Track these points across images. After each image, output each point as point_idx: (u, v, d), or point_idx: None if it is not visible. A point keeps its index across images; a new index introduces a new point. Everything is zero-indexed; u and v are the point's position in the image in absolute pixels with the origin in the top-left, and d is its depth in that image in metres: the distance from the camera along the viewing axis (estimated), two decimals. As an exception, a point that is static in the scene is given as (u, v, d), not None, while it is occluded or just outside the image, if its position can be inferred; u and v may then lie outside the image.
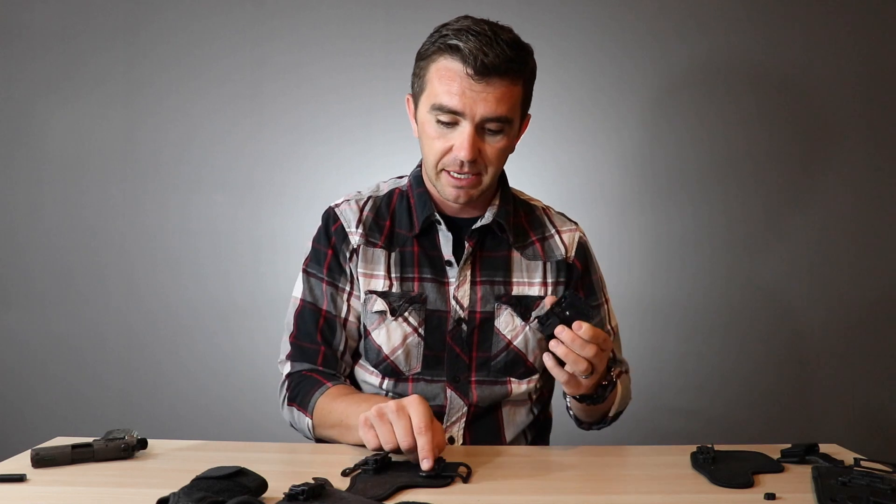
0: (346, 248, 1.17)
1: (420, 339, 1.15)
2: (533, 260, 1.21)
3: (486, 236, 1.19)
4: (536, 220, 1.26)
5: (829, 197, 1.92)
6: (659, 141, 1.93)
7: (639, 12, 1.92)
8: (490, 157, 1.10)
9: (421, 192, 1.19)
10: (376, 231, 1.18)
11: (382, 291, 1.16)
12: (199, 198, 1.97)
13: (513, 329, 1.17)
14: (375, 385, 1.17)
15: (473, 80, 1.04)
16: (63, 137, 1.99)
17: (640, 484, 0.89)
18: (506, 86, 1.06)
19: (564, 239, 1.24)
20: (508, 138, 1.11)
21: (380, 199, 1.22)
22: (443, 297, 1.16)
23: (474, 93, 1.04)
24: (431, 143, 1.10)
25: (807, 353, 1.93)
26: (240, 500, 0.72)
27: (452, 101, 1.05)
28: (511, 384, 1.18)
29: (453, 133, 1.08)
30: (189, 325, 1.96)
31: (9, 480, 0.85)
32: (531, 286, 1.19)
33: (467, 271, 1.17)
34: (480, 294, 1.17)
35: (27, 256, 1.99)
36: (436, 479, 0.86)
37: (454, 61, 1.05)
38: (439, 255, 1.17)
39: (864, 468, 0.89)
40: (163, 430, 1.45)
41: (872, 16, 1.90)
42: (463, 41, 1.04)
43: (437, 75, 1.07)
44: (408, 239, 1.18)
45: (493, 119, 1.06)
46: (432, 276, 1.16)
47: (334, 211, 1.21)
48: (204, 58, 1.96)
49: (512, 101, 1.08)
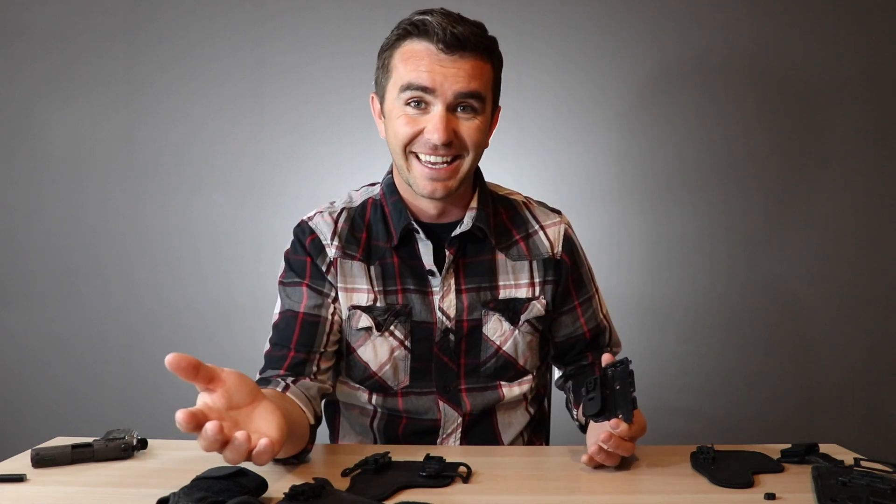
0: (323, 261, 1.11)
1: (407, 352, 1.11)
2: (518, 260, 1.15)
3: (467, 242, 1.13)
4: (518, 216, 1.19)
5: (829, 196, 1.92)
6: (659, 141, 1.93)
7: (638, 13, 1.92)
8: (466, 140, 1.02)
9: (395, 200, 1.12)
10: (353, 243, 1.12)
11: (367, 306, 1.10)
12: (199, 198, 1.97)
13: (501, 334, 1.14)
14: (364, 401, 1.14)
15: (443, 54, 0.98)
16: (63, 137, 1.99)
17: (640, 484, 0.89)
18: (477, 60, 1.01)
19: (549, 234, 1.18)
20: (483, 120, 1.04)
21: (353, 210, 1.15)
22: (427, 307, 1.11)
23: (444, 68, 0.99)
24: (399, 129, 1.02)
25: (806, 353, 1.93)
26: (240, 500, 0.72)
27: (422, 77, 0.99)
28: (502, 388, 1.16)
29: (424, 117, 1.01)
30: (189, 325, 1.96)
31: (9, 480, 0.85)
32: (518, 288, 1.15)
33: (451, 280, 1.12)
34: (467, 302, 1.12)
35: (27, 256, 2.00)
36: (436, 479, 0.86)
37: (420, 41, 1.00)
38: (420, 264, 1.11)
39: (864, 468, 0.89)
40: (163, 430, 1.45)
41: (872, 16, 1.90)
42: (428, 18, 0.99)
43: (402, 59, 1.01)
44: (386, 250, 1.11)
45: (467, 94, 1.00)
46: (415, 287, 1.11)
47: (308, 224, 1.14)
48: (204, 58, 1.96)
49: (484, 77, 1.02)
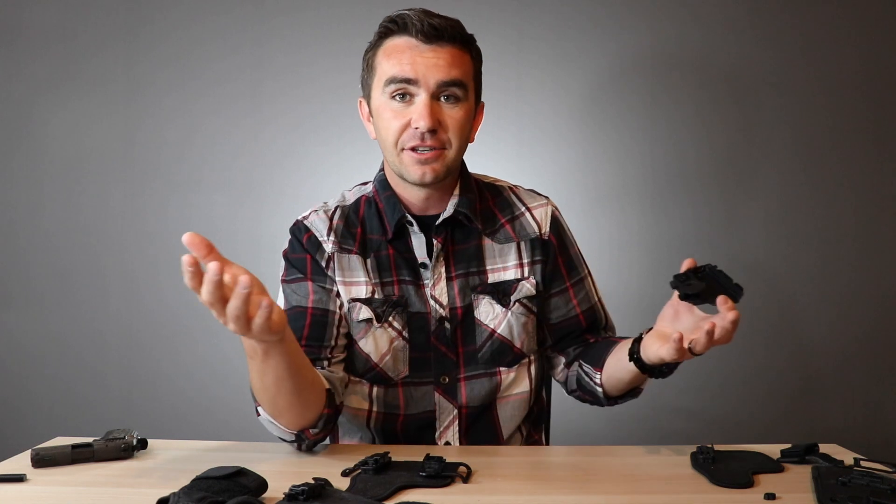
0: (321, 256, 1.14)
1: (405, 343, 1.13)
2: (505, 243, 1.17)
3: (454, 229, 1.16)
4: (504, 200, 1.22)
5: (829, 197, 1.92)
6: (659, 141, 1.93)
7: (639, 13, 1.92)
8: (450, 128, 1.07)
9: (388, 195, 1.15)
10: (349, 237, 1.15)
11: (366, 298, 1.13)
12: (199, 198, 1.97)
13: (494, 317, 1.15)
14: (365, 394, 1.15)
15: (423, 45, 1.04)
16: (63, 137, 1.99)
17: (640, 484, 0.89)
18: (456, 50, 1.06)
19: (536, 215, 1.20)
20: (466, 109, 1.08)
21: (347, 208, 1.18)
22: (421, 298, 1.14)
23: (425, 59, 1.04)
24: (388, 123, 1.07)
25: (806, 353, 1.93)
26: (240, 500, 0.72)
27: (404, 70, 1.04)
28: (501, 374, 1.16)
29: (410, 108, 1.06)
30: (189, 325, 1.96)
31: (9, 480, 0.85)
32: (506, 270, 1.17)
33: (441, 268, 1.15)
34: (458, 289, 1.14)
35: (27, 256, 2.00)
36: (436, 479, 0.86)
37: (400, 36, 1.06)
38: (413, 257, 1.14)
39: (864, 468, 0.89)
40: (163, 430, 1.45)
41: (872, 13, 1.90)
42: (406, 13, 1.06)
43: (385, 55, 1.07)
44: (381, 243, 1.15)
45: (449, 83, 1.05)
46: (410, 279, 1.14)
47: (303, 222, 1.17)
48: (204, 58, 1.96)
49: (464, 66, 1.07)
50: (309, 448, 1.04)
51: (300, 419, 0.99)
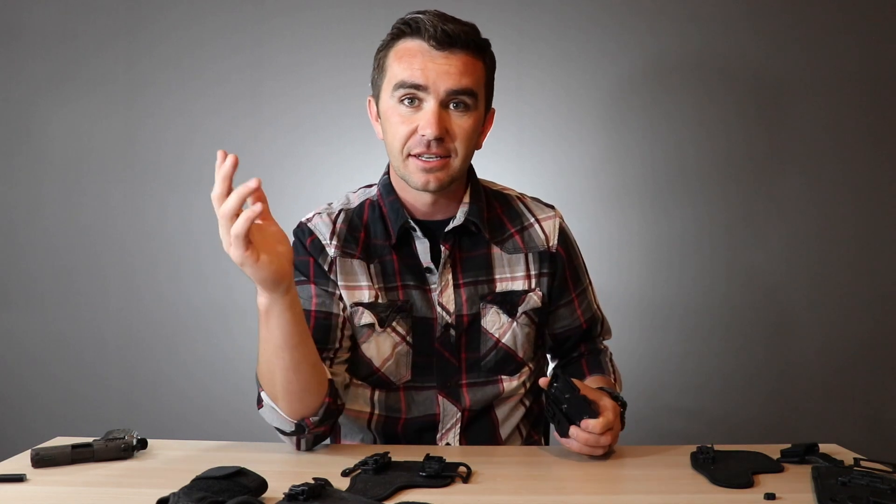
0: (324, 260, 1.13)
1: (408, 348, 1.13)
2: (514, 253, 1.17)
3: (462, 237, 1.15)
4: (513, 210, 1.21)
5: (829, 197, 1.92)
6: (659, 141, 1.93)
7: (639, 13, 1.91)
8: (457, 137, 1.06)
9: (392, 199, 1.14)
10: (352, 242, 1.14)
11: (369, 303, 1.12)
12: (199, 198, 1.97)
13: (500, 327, 1.15)
14: (367, 397, 1.15)
15: (435, 52, 1.02)
16: (63, 137, 1.99)
17: (640, 484, 0.89)
18: (468, 58, 1.04)
19: (545, 227, 1.20)
20: (475, 118, 1.07)
21: (351, 212, 1.17)
22: (428, 303, 1.13)
23: (436, 65, 1.02)
24: (396, 128, 1.06)
25: (806, 353, 1.93)
26: (240, 500, 0.72)
27: (415, 75, 1.03)
28: (503, 382, 1.17)
29: (417, 114, 1.04)
30: (189, 325, 1.96)
31: (9, 480, 0.85)
32: (514, 281, 1.17)
33: (448, 275, 1.14)
34: (465, 296, 1.14)
35: (27, 256, 1.99)
36: (436, 479, 0.87)
37: (412, 40, 1.04)
38: (418, 262, 1.13)
39: (864, 468, 0.89)
40: (163, 430, 1.45)
41: (872, 16, 1.90)
42: (421, 17, 1.04)
43: (396, 58, 1.05)
44: (385, 249, 1.14)
45: (458, 91, 1.03)
46: (415, 284, 1.13)
47: (307, 225, 1.16)
48: (204, 58, 1.96)
49: (476, 74, 1.06)
50: (309, 447, 1.04)
51: (299, 404, 0.99)
